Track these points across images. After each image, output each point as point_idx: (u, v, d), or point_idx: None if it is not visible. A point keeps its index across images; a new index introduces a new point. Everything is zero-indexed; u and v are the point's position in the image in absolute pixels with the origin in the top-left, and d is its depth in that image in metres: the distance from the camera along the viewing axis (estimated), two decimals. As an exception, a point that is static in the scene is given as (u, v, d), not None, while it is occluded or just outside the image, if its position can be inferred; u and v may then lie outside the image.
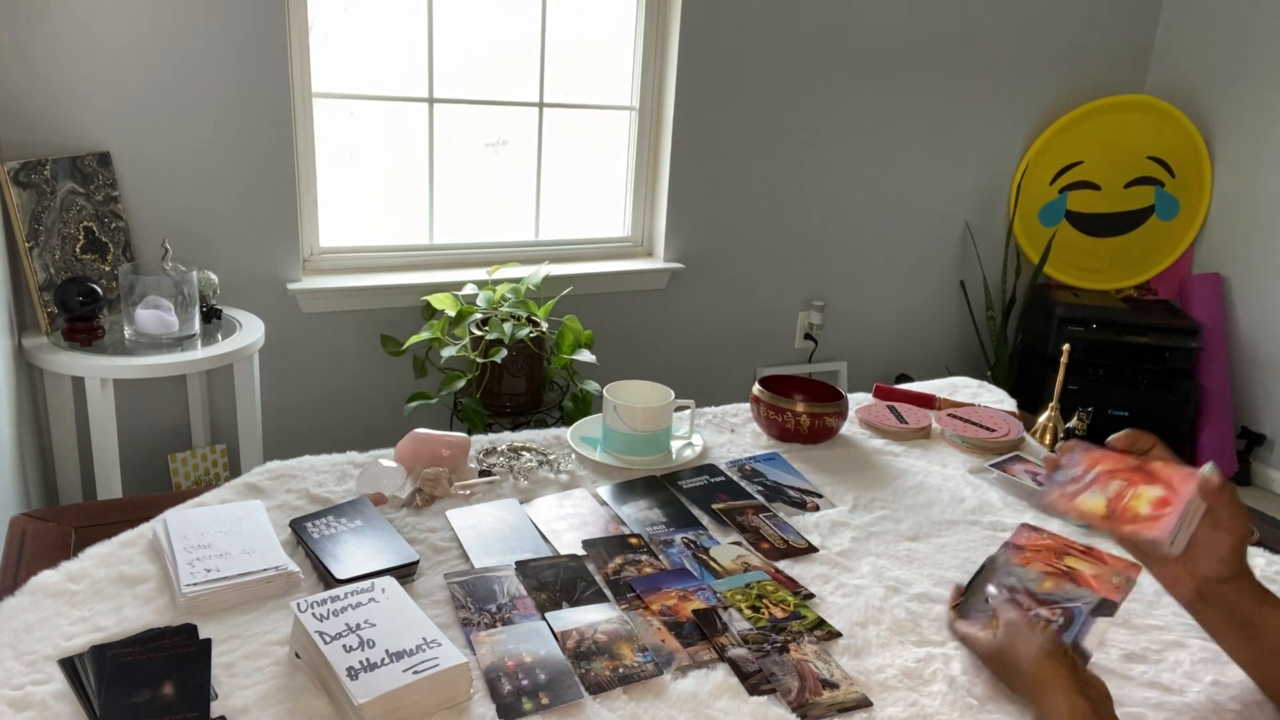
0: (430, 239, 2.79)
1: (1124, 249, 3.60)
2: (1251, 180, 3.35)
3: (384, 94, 2.62)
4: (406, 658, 0.78)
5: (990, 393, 1.69)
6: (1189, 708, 0.85)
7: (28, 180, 2.02)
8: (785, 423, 1.37)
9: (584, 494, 1.20)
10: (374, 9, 2.54)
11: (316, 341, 2.60)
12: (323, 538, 1.01)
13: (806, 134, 3.12)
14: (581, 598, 0.96)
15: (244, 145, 2.36)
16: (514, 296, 2.50)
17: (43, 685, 0.78)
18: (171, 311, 2.05)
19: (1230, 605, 0.83)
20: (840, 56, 3.08)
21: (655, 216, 3.04)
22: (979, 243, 3.56)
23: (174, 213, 2.34)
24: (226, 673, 0.81)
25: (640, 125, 2.95)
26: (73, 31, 2.12)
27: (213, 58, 2.27)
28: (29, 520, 1.07)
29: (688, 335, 3.16)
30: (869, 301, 3.45)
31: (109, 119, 2.21)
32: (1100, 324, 3.32)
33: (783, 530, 1.13)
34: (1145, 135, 3.50)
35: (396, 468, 1.17)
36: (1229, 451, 3.33)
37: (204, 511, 1.04)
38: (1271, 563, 1.11)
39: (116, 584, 0.93)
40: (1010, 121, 3.46)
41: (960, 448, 1.41)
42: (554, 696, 0.81)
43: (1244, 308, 3.40)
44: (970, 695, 0.85)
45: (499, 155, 2.84)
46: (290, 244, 2.49)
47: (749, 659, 0.88)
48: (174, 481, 2.42)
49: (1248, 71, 3.33)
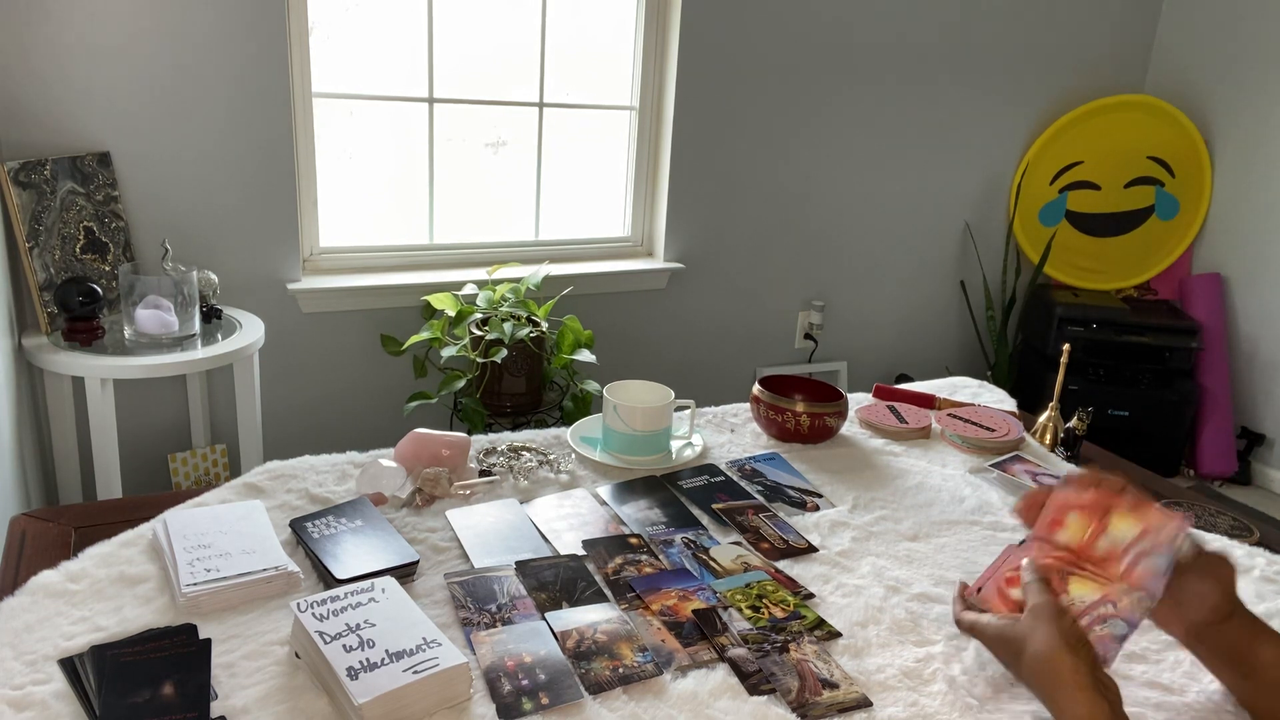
0: (430, 239, 2.79)
1: (1124, 249, 3.60)
2: (1251, 180, 3.35)
3: (384, 94, 2.62)
4: (406, 658, 0.78)
5: (990, 393, 1.69)
6: (1189, 708, 0.85)
7: (28, 180, 2.02)
8: (785, 423, 1.37)
9: (584, 494, 1.20)
10: (374, 9, 2.54)
11: (316, 341, 2.60)
12: (323, 538, 1.01)
13: (806, 134, 3.12)
14: (581, 598, 0.96)
15: (244, 145, 2.36)
16: (514, 296, 2.50)
17: (43, 685, 0.78)
18: (171, 311, 2.05)
19: (1224, 643, 0.82)
20: (840, 56, 3.08)
21: (655, 216, 3.04)
22: (979, 243, 3.56)
23: (174, 213, 2.34)
24: (226, 673, 0.81)
25: (640, 125, 2.95)
26: (73, 31, 2.12)
27: (213, 58, 2.27)
28: (29, 520, 1.07)
29: (688, 335, 3.16)
30: (869, 301, 3.45)
31: (109, 119, 2.21)
32: (1100, 324, 3.32)
33: (783, 530, 1.13)
34: (1145, 135, 3.50)
35: (396, 468, 1.17)
36: (1229, 451, 3.33)
37: (204, 511, 1.04)
38: (1272, 562, 1.11)
39: (116, 584, 0.93)
40: (1010, 121, 3.46)
41: (960, 448, 1.41)
42: (554, 696, 0.81)
43: (1244, 308, 3.40)
44: (970, 695, 0.85)
45: (499, 155, 2.84)
46: (290, 244, 2.49)
47: (749, 659, 0.88)
48: (174, 481, 2.42)
49: (1248, 71, 3.33)
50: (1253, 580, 1.07)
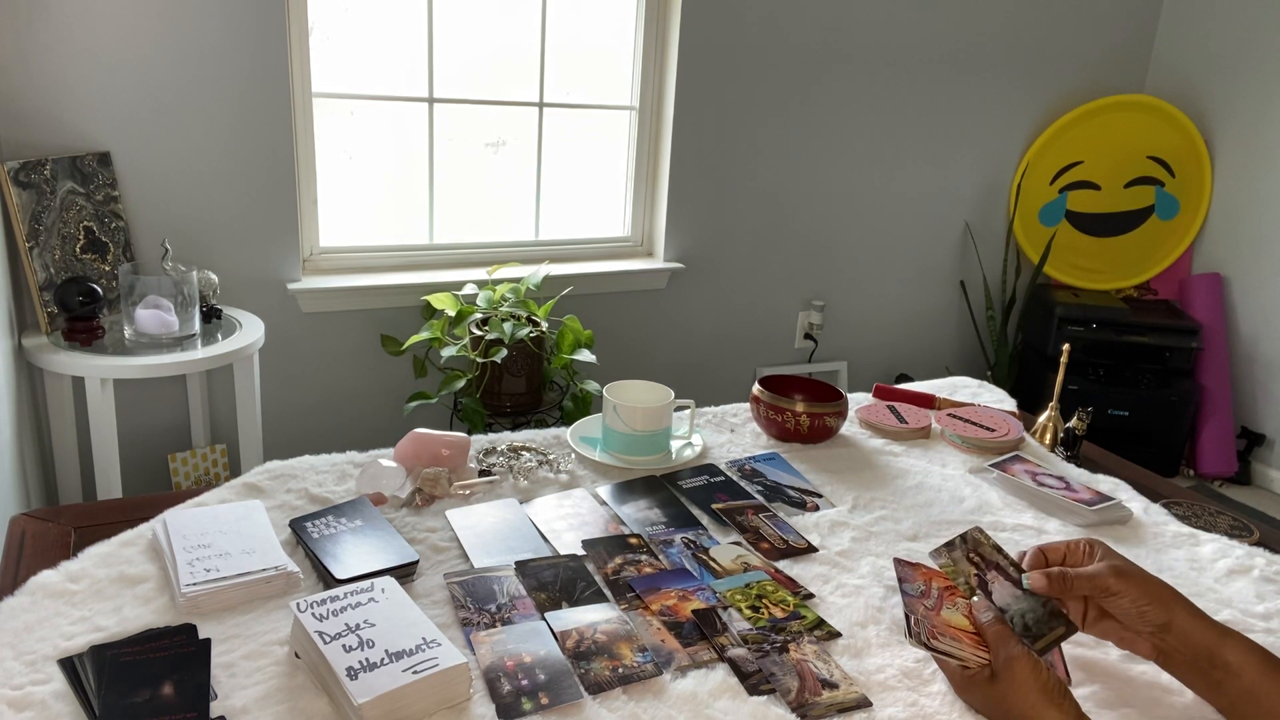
0: (430, 239, 2.79)
1: (1124, 249, 3.60)
2: (1251, 180, 3.35)
3: (384, 94, 2.62)
4: (406, 658, 0.78)
5: (990, 393, 1.69)
6: (1188, 707, 0.85)
7: (28, 180, 2.02)
8: (785, 423, 1.37)
9: (584, 494, 1.20)
10: (374, 9, 2.54)
11: (316, 341, 2.60)
12: (322, 538, 1.01)
13: (806, 134, 3.12)
14: (581, 598, 0.96)
15: (244, 145, 2.36)
16: (514, 296, 2.50)
17: (43, 685, 0.78)
18: (171, 311, 2.05)
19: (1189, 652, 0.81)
20: (840, 56, 3.08)
21: (655, 216, 3.04)
22: (979, 243, 3.56)
23: (174, 213, 2.34)
24: (226, 673, 0.81)
25: (640, 125, 2.95)
26: (73, 31, 2.12)
27: (213, 58, 2.27)
28: (29, 520, 1.07)
29: (688, 335, 3.16)
30: (869, 301, 3.45)
31: (109, 119, 2.21)
32: (1100, 324, 3.32)
33: (782, 530, 1.13)
34: (1145, 135, 3.50)
35: (396, 468, 1.17)
36: (1229, 451, 3.33)
37: (204, 511, 1.04)
38: (1271, 562, 1.11)
39: (116, 584, 0.93)
40: (1010, 121, 3.46)
41: (960, 448, 1.41)
42: (554, 696, 0.81)
43: (1244, 308, 3.40)
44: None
45: (499, 155, 2.84)
46: (290, 244, 2.49)
47: (749, 659, 0.88)
48: (174, 481, 2.42)
49: (1248, 71, 3.33)
50: (1253, 580, 1.07)
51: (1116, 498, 1.23)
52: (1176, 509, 1.25)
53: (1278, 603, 1.03)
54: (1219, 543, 1.16)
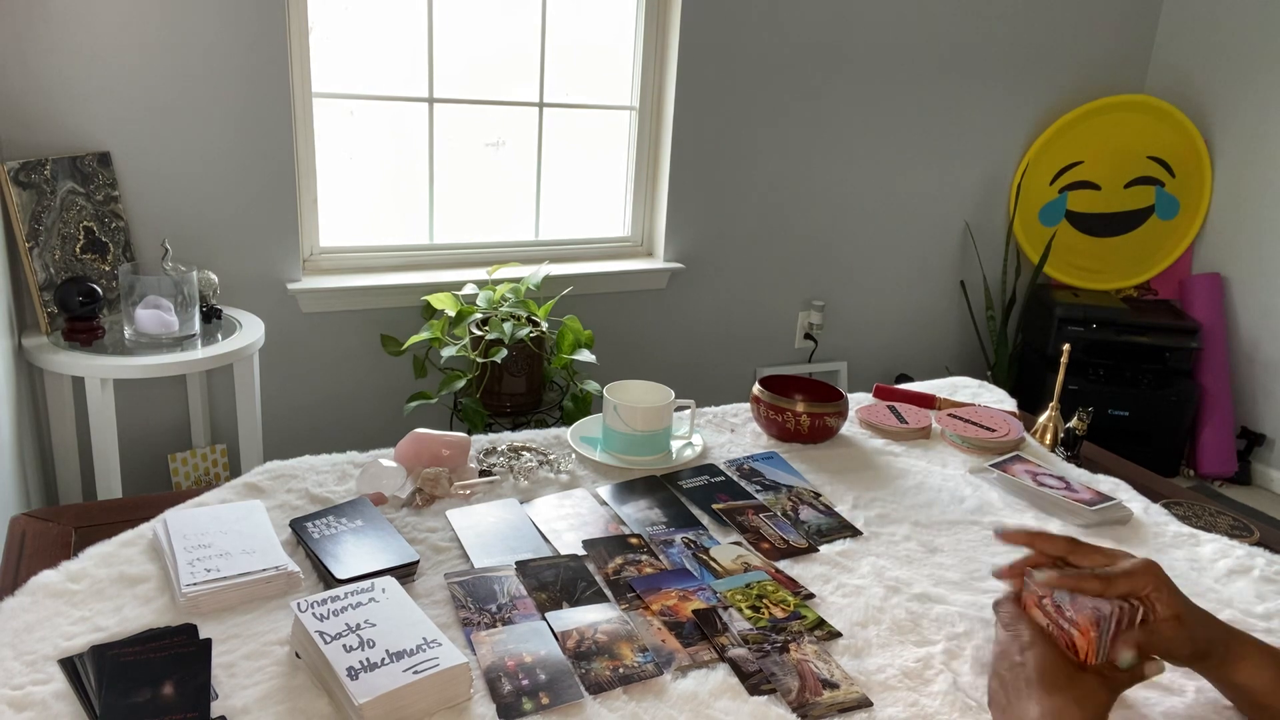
0: (430, 239, 2.79)
1: (1124, 249, 3.60)
2: (1251, 180, 3.35)
3: (384, 94, 2.62)
4: (406, 658, 0.78)
5: (990, 393, 1.69)
6: (1189, 708, 0.84)
7: (28, 180, 2.02)
8: (785, 423, 1.37)
9: (584, 494, 1.20)
10: (374, 9, 2.54)
11: (316, 341, 2.60)
12: (323, 538, 1.01)
13: (807, 134, 3.12)
14: (581, 598, 0.96)
15: (244, 145, 2.36)
16: (514, 296, 2.50)
17: (43, 685, 0.78)
18: (171, 311, 2.05)
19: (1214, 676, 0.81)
20: (840, 56, 3.08)
21: (655, 216, 3.04)
22: (979, 243, 3.56)
23: (174, 213, 2.34)
24: (226, 673, 0.81)
25: (640, 125, 2.95)
26: (73, 31, 2.12)
27: (213, 58, 2.27)
28: (29, 520, 1.07)
29: (687, 335, 3.16)
30: (869, 301, 3.45)
31: (109, 119, 2.21)
32: (1100, 324, 3.32)
33: (783, 530, 1.13)
34: (1145, 135, 3.50)
35: (396, 468, 1.17)
36: (1229, 451, 3.33)
37: (204, 511, 1.04)
38: (1271, 562, 1.11)
39: (116, 584, 0.93)
40: (1010, 121, 3.46)
41: (960, 448, 1.41)
42: (554, 696, 0.81)
43: (1244, 308, 3.40)
44: (970, 696, 0.85)
45: (499, 155, 2.84)
46: (290, 244, 2.49)
47: (749, 659, 0.88)
48: (174, 481, 2.42)
49: (1248, 71, 3.33)
50: (1253, 580, 1.07)
51: (1116, 498, 1.23)
52: (1177, 509, 1.25)
53: (1278, 603, 1.03)
54: (1219, 543, 1.16)
